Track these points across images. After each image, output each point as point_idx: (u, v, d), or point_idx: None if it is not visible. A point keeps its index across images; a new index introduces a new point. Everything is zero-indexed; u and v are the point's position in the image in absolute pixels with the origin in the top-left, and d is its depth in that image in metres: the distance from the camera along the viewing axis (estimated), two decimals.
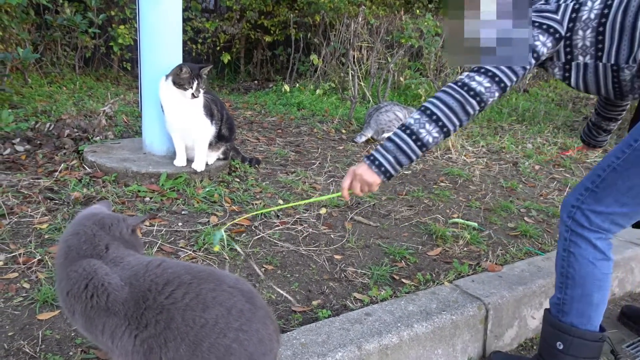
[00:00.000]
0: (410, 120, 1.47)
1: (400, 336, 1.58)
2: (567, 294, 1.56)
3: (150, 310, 1.05)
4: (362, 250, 2.18)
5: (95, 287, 1.08)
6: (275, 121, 4.54)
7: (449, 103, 1.44)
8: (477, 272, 2.07)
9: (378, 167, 1.49)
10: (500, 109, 6.04)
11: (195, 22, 6.22)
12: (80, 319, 1.11)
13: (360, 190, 1.54)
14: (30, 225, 2.06)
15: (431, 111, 1.45)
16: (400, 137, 1.47)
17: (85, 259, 1.14)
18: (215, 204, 2.46)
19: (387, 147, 1.48)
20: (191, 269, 1.11)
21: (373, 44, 5.76)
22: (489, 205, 2.88)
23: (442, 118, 1.44)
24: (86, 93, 4.84)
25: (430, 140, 1.45)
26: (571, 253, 1.53)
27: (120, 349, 1.07)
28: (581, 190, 1.52)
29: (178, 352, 1.02)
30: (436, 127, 1.45)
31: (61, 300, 1.16)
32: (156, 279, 1.08)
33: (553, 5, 1.48)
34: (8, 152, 2.79)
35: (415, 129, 1.45)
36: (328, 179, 3.06)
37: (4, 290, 1.64)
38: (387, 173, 1.49)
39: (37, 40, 5.18)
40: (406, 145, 1.46)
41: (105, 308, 1.07)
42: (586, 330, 1.54)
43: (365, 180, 1.50)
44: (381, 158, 1.49)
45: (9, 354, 1.37)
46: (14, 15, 4.08)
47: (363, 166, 1.51)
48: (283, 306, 1.73)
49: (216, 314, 1.04)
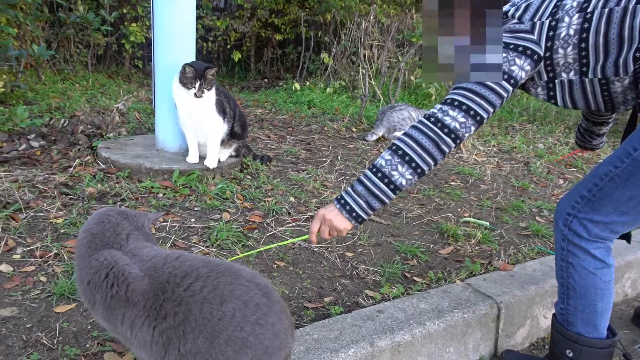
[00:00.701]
0: (382, 162, 1.41)
1: (413, 333, 1.58)
2: (569, 304, 1.53)
3: (169, 302, 1.06)
4: (374, 248, 2.19)
5: (115, 276, 1.10)
6: (286, 119, 4.56)
7: (422, 142, 1.37)
8: (489, 271, 2.07)
9: (349, 213, 1.44)
10: (512, 108, 6.02)
11: (206, 20, 6.26)
12: (100, 308, 1.13)
13: (328, 234, 1.49)
14: (46, 219, 2.09)
15: (403, 151, 1.38)
16: (371, 180, 1.41)
17: (107, 247, 1.15)
18: (228, 201, 2.48)
19: (358, 191, 1.42)
20: (209, 262, 1.13)
21: (384, 42, 5.76)
22: (501, 204, 2.88)
23: (416, 159, 1.38)
24: (99, 90, 4.89)
25: (403, 182, 1.39)
26: (570, 264, 1.49)
27: (139, 339, 1.09)
28: (576, 198, 1.46)
29: (196, 343, 1.03)
30: (409, 169, 1.39)
31: (81, 290, 1.18)
32: (174, 271, 1.10)
33: (527, 25, 1.39)
34: (23, 148, 2.83)
35: (387, 172, 1.39)
36: (339, 177, 3.07)
37: (22, 283, 1.66)
38: (358, 218, 1.44)
39: (51, 38, 5.23)
40: (378, 189, 1.40)
41: (125, 298, 1.08)
42: (594, 339, 1.52)
43: (335, 226, 1.46)
44: (352, 202, 1.43)
45: (27, 345, 1.39)
46: (28, 12, 4.12)
47: (333, 211, 1.46)
48: (295, 302, 1.74)
49: (233, 307, 1.05)
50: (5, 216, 2.04)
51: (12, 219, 2.04)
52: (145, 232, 1.24)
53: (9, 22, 3.81)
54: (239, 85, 6.55)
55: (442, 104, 1.39)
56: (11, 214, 2.07)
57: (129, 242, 1.18)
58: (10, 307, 1.54)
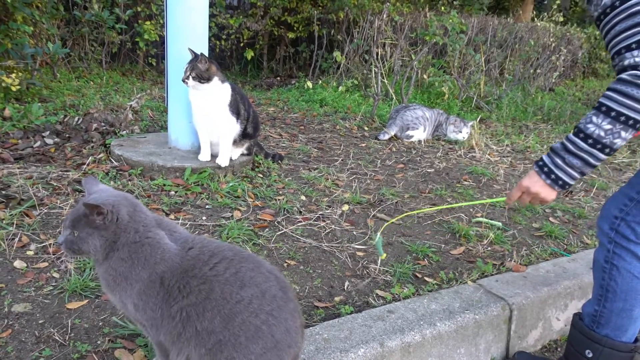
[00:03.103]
0: (600, 132, 1.28)
1: (423, 334, 1.57)
2: (605, 307, 1.50)
3: (196, 279, 1.09)
4: (385, 248, 2.18)
5: (163, 253, 1.14)
6: (298, 117, 4.55)
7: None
8: (501, 272, 2.05)
9: (562, 187, 1.38)
10: (525, 107, 5.96)
11: (219, 19, 6.27)
12: (137, 285, 1.14)
13: (528, 202, 1.47)
14: (59, 216, 2.11)
15: (627, 116, 1.24)
16: (590, 152, 1.31)
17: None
18: (239, 199, 2.48)
19: (573, 164, 1.34)
20: (234, 248, 1.17)
21: (397, 41, 5.73)
22: (513, 204, 2.85)
23: (638, 118, 1.24)
24: (112, 88, 4.93)
25: (622, 144, 1.29)
26: (614, 266, 1.46)
27: (162, 317, 1.11)
28: (625, 201, 1.43)
29: (212, 322, 1.05)
30: (632, 131, 1.26)
31: (121, 266, 1.19)
32: (203, 248, 1.14)
33: None
34: (38, 145, 2.86)
35: (608, 142, 1.28)
36: (350, 175, 3.06)
37: (35, 279, 1.68)
38: (567, 187, 1.39)
39: (66, 36, 5.29)
40: (596, 159, 1.31)
41: (162, 276, 1.11)
42: (620, 342, 1.50)
43: (542, 198, 1.42)
44: (565, 177, 1.36)
45: (40, 341, 1.41)
46: (44, 10, 4.17)
47: (538, 182, 1.40)
48: (305, 301, 1.74)
49: (251, 293, 1.07)
50: (19, 212, 2.06)
51: (26, 216, 2.07)
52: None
53: (25, 20, 3.86)
54: (252, 84, 6.57)
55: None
56: (25, 211, 2.09)
57: (164, 220, 1.22)
58: (24, 303, 1.55)
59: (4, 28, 3.62)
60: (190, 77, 2.54)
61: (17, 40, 3.71)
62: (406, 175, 3.20)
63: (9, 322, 1.47)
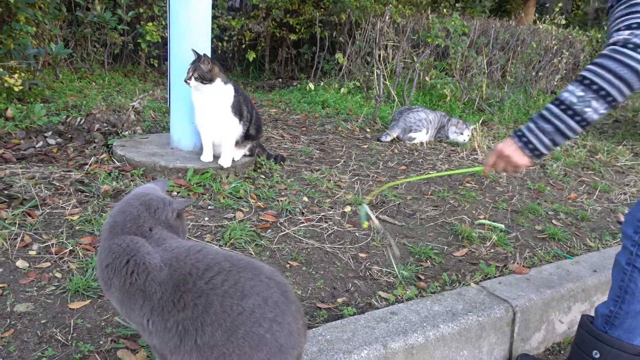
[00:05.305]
0: (572, 99, 1.31)
1: (426, 336, 1.57)
2: (622, 308, 1.50)
3: (190, 293, 1.07)
4: (387, 249, 2.17)
5: (136, 264, 1.11)
6: (300, 119, 4.55)
7: (620, 73, 1.24)
8: (504, 274, 2.05)
9: (532, 151, 1.40)
10: (527, 110, 5.95)
11: (221, 20, 6.28)
12: (116, 292, 1.14)
13: (503, 169, 1.49)
14: (61, 216, 2.10)
15: (599, 86, 1.27)
16: (560, 117, 1.33)
17: (129, 235, 1.16)
18: (241, 200, 2.48)
19: (544, 128, 1.37)
20: (231, 257, 1.14)
21: (399, 43, 5.73)
22: (516, 207, 2.84)
23: (613, 93, 1.26)
24: (115, 89, 4.93)
25: (595, 117, 1.30)
26: (636, 268, 1.46)
27: (155, 326, 1.10)
28: None
29: (214, 336, 1.04)
30: (604, 104, 1.28)
31: (99, 272, 1.19)
32: (197, 263, 1.11)
33: None
34: (40, 145, 2.86)
35: (579, 109, 1.30)
36: (352, 177, 3.05)
37: (37, 279, 1.68)
38: (540, 155, 1.41)
39: (68, 37, 5.29)
40: (567, 126, 1.33)
41: (143, 288, 1.09)
42: (630, 344, 1.49)
43: (514, 162, 1.44)
44: (535, 140, 1.38)
45: (42, 341, 1.41)
46: (47, 11, 4.17)
47: (512, 146, 1.43)
48: (308, 302, 1.74)
49: (253, 303, 1.05)
50: (22, 212, 2.06)
51: (28, 216, 2.06)
52: (169, 224, 1.24)
53: (28, 21, 3.86)
54: (254, 85, 6.57)
55: (632, 29, 1.24)
56: (28, 211, 2.09)
57: (152, 233, 1.19)
58: (26, 303, 1.55)
59: (6, 28, 3.62)
60: (193, 78, 2.54)
61: (20, 40, 3.71)
62: (408, 177, 3.19)
63: (11, 322, 1.46)
